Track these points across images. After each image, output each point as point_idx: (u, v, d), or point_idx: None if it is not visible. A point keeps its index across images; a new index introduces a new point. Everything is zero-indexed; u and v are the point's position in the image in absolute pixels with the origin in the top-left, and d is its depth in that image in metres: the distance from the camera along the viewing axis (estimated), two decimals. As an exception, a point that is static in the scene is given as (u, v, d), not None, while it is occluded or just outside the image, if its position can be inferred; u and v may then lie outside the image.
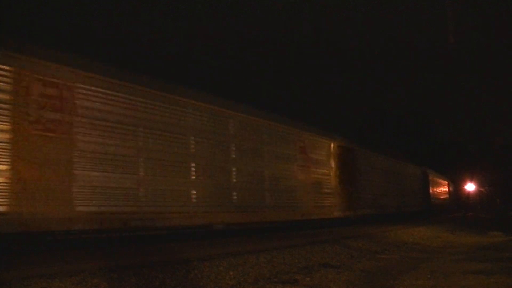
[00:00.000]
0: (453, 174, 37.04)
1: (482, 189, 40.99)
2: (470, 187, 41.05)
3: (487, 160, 40.04)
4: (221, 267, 4.49)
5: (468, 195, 42.20)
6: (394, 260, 6.53)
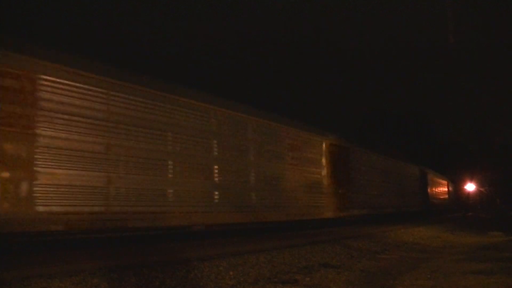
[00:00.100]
0: (453, 174, 37.03)
1: (482, 189, 41.03)
2: (470, 187, 41.08)
3: (487, 160, 40.08)
4: (221, 267, 4.49)
5: (468, 195, 42.24)
6: (394, 260, 6.53)
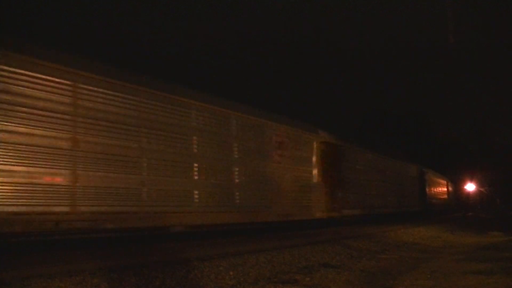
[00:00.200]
0: (453, 174, 37.03)
1: (482, 189, 41.03)
2: (470, 187, 41.09)
3: (487, 160, 40.06)
4: (221, 267, 4.49)
5: (468, 195, 42.24)
6: (394, 260, 6.53)
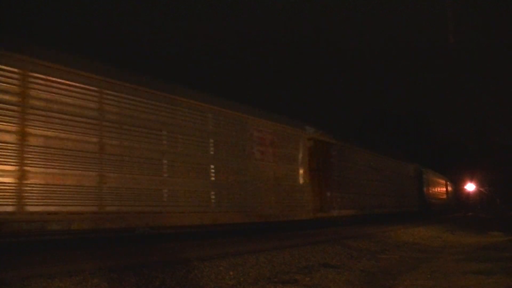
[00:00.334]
0: (453, 174, 37.04)
1: (482, 189, 41.05)
2: (470, 187, 41.12)
3: (487, 160, 40.07)
4: (221, 267, 4.49)
5: (468, 195, 42.27)
6: (394, 260, 6.53)
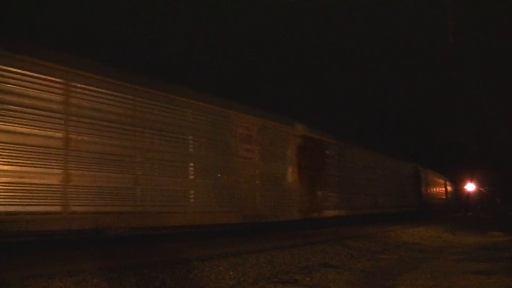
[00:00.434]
0: (453, 174, 37.04)
1: (482, 189, 41.06)
2: (470, 187, 41.11)
3: (487, 160, 40.08)
4: (221, 267, 4.49)
5: (468, 195, 42.26)
6: (394, 260, 6.53)
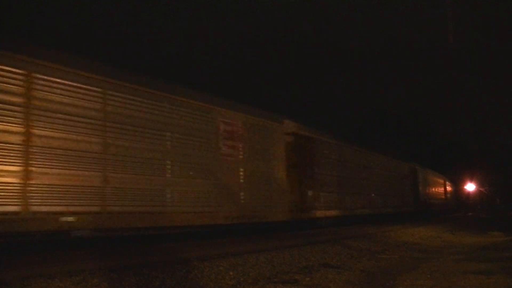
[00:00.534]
0: (453, 174, 37.04)
1: (482, 189, 41.06)
2: (470, 187, 41.12)
3: (487, 160, 40.09)
4: (221, 267, 4.49)
5: (468, 195, 42.27)
6: (394, 260, 6.53)
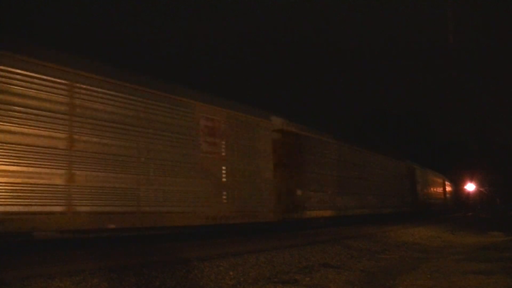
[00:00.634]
0: (453, 174, 37.04)
1: (482, 189, 41.06)
2: (470, 187, 41.13)
3: (487, 160, 40.09)
4: (221, 267, 4.49)
5: (468, 195, 42.28)
6: (394, 260, 6.53)
